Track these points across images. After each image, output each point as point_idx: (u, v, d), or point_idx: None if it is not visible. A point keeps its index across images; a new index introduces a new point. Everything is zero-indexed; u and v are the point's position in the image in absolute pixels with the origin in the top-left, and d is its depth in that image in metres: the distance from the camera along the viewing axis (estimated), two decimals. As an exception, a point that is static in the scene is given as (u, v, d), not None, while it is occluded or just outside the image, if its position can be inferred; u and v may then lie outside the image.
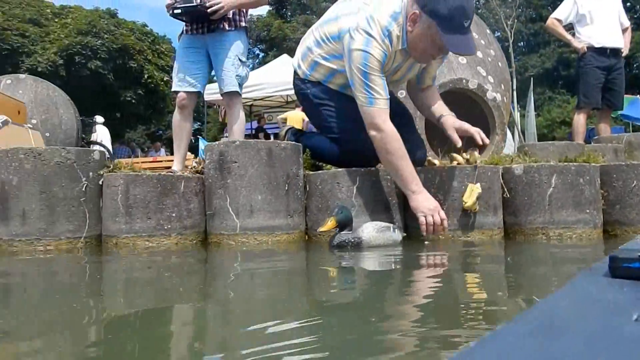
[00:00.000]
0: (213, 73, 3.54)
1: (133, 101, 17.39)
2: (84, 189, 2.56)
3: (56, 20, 17.45)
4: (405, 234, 2.50)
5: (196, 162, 2.93)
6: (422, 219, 2.38)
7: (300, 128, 11.01)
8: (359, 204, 2.62)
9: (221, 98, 3.61)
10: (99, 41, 16.08)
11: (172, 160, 3.64)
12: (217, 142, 2.70)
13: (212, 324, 1.22)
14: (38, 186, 2.48)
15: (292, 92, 12.10)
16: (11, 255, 2.41)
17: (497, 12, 27.39)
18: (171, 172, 2.93)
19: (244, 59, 3.48)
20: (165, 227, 2.54)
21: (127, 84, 17.01)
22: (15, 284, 1.82)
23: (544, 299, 0.51)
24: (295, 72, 2.85)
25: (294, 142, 2.75)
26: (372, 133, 2.42)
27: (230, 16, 3.36)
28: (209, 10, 3.22)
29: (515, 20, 27.78)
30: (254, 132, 13.54)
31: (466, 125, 2.57)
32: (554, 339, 0.39)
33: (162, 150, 19.19)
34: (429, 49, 2.39)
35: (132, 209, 2.51)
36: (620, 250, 0.89)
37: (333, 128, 2.70)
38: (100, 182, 2.64)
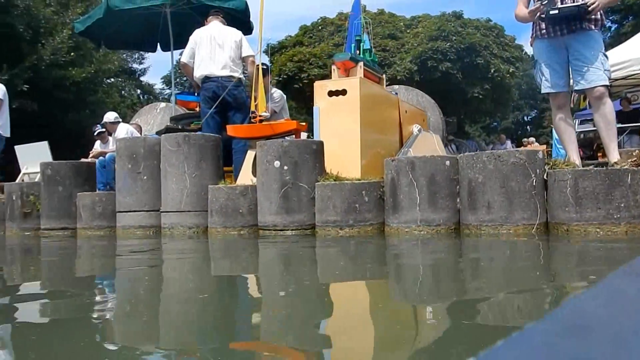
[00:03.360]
0: None
1: (480, 96, 18.05)
2: (533, 184, 3.03)
3: (408, 31, 19.50)
4: None
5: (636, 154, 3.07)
6: None
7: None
8: None
9: None
10: (448, 44, 17.28)
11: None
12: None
13: None
14: (498, 182, 3.06)
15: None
16: (478, 237, 3.06)
17: None
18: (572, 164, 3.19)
19: (606, 54, 3.48)
20: (615, 217, 2.78)
21: (474, 80, 17.75)
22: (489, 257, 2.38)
23: (574, 297, 0.47)
24: None
25: None
26: None
27: (597, 16, 3.40)
28: (590, 9, 3.31)
29: None
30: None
31: None
32: (584, 339, 0.37)
33: (508, 142, 19.30)
34: None
35: (581, 200, 2.85)
36: None
37: None
38: (545, 177, 3.06)
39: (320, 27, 20.89)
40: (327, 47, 19.00)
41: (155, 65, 41.54)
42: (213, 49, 5.32)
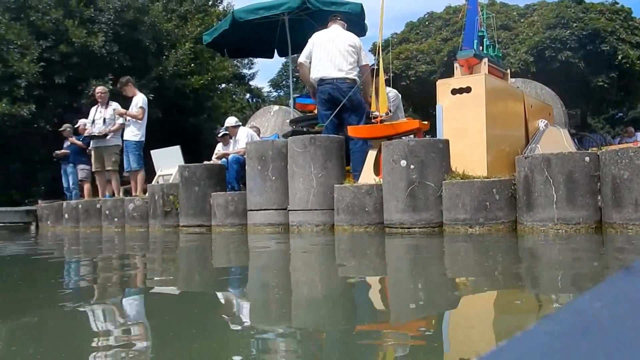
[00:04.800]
0: None
1: (605, 86, 16.72)
2: (689, 180, 2.80)
3: (522, 20, 18.55)
4: None
5: None
6: None
7: None
8: None
9: None
10: (568, 31, 16.20)
11: None
12: None
13: None
14: (648, 178, 2.87)
15: None
16: (627, 235, 2.89)
17: None
18: None
19: None
20: None
21: (599, 69, 16.48)
22: None
23: (577, 298, 0.47)
24: None
25: None
26: None
27: None
28: None
29: None
30: None
31: None
32: (588, 339, 0.38)
33: (638, 134, 17.63)
34: None
35: None
36: None
37: None
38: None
39: (427, 23, 20.49)
40: (434, 43, 18.60)
41: (263, 70, 43.23)
42: (330, 52, 5.42)
